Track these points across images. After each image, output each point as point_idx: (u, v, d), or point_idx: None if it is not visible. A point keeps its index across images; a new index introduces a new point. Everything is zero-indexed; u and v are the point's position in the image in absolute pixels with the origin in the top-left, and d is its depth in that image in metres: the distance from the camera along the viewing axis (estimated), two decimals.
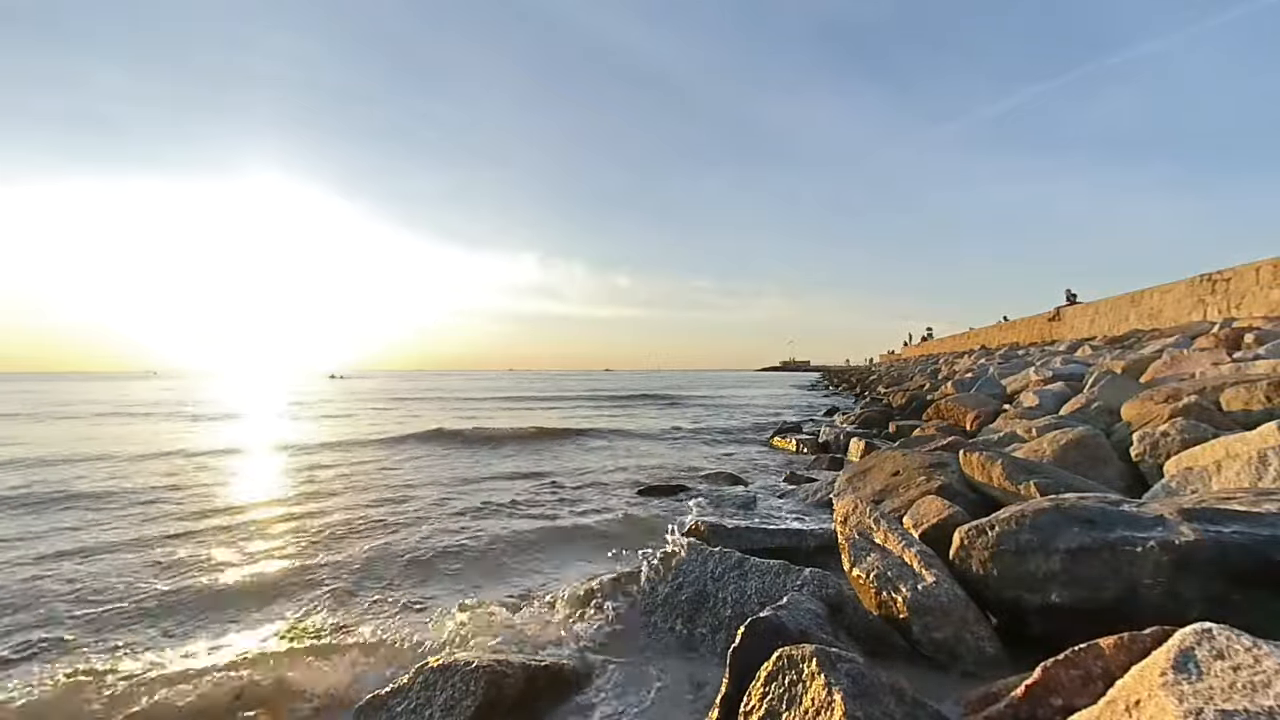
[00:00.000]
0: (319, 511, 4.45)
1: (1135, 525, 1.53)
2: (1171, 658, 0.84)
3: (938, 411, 6.40)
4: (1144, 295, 13.74)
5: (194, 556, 3.35)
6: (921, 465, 3.27)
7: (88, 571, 3.10)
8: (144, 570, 3.12)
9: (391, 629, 2.30)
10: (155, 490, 5.34)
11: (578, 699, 1.79)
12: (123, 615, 2.55)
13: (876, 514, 2.16)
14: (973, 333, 29.97)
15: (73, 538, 3.79)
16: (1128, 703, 0.85)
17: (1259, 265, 9.96)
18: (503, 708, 1.63)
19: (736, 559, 2.21)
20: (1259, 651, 0.79)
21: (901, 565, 1.84)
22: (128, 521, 4.22)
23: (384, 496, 5.10)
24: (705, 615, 2.07)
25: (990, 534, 1.70)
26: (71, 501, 4.90)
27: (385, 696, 1.68)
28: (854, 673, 1.14)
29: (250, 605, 2.66)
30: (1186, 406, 3.03)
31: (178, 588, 2.84)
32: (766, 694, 1.22)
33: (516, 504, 4.72)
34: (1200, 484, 2.11)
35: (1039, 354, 11.99)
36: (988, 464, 2.63)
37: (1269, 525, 1.41)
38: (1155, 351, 6.33)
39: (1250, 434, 2.23)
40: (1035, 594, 1.58)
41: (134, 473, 6.37)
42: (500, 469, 6.65)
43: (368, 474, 6.39)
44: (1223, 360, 4.85)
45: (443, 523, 4.10)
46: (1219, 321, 8.44)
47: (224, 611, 2.60)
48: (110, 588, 2.85)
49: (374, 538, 3.71)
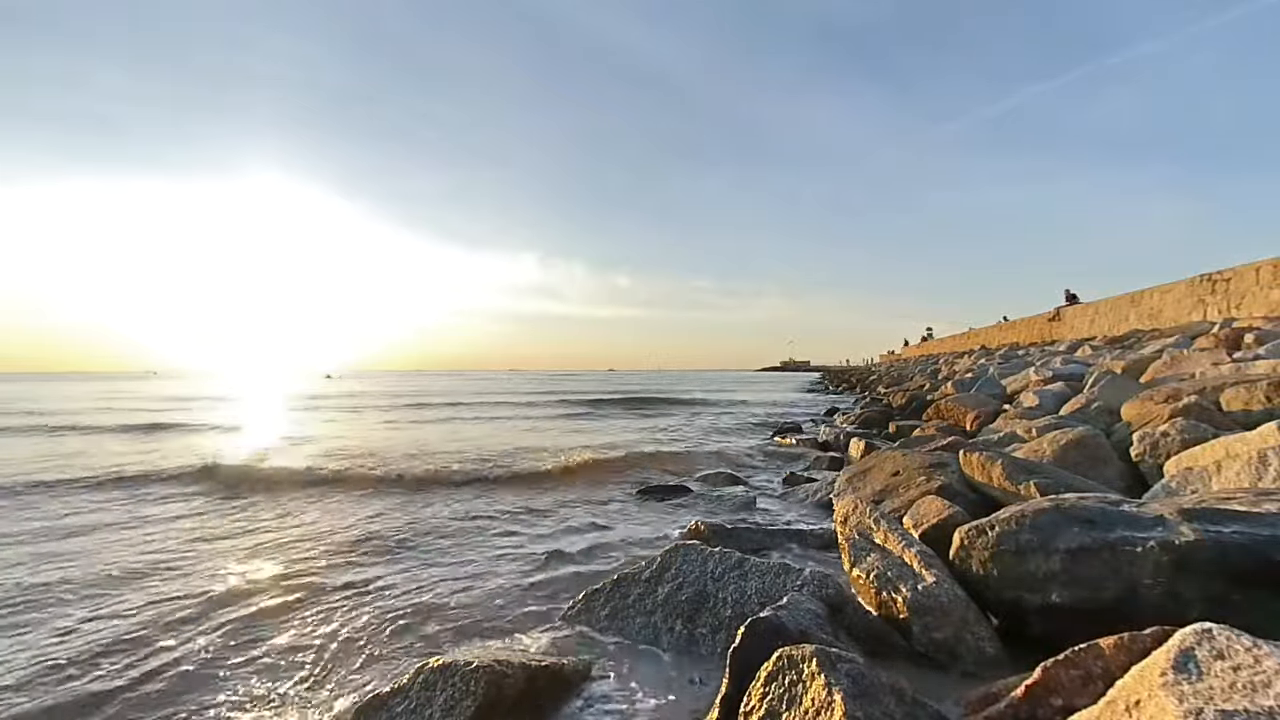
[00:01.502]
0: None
1: (1135, 525, 1.53)
2: (1171, 658, 0.84)
3: (938, 411, 6.40)
4: (1144, 295, 13.75)
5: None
6: (921, 465, 3.27)
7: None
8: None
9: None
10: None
11: (578, 699, 1.79)
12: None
13: (876, 514, 2.16)
14: (972, 333, 29.97)
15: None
16: (1128, 703, 0.85)
17: (1259, 265, 9.97)
18: (503, 708, 1.63)
19: (736, 559, 2.21)
20: (1259, 651, 0.79)
21: (901, 565, 1.84)
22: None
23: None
24: (705, 615, 2.07)
25: (990, 534, 1.71)
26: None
27: (385, 696, 1.68)
28: (854, 673, 1.14)
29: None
30: (1186, 406, 3.03)
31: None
32: (766, 694, 1.22)
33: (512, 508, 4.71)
34: (1200, 484, 2.12)
35: (1039, 354, 12.00)
36: (988, 464, 2.63)
37: (1269, 525, 1.41)
38: (1155, 351, 6.34)
39: (1250, 434, 2.23)
40: (1035, 594, 1.58)
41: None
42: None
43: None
44: (1223, 360, 4.85)
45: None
46: (1219, 321, 8.44)
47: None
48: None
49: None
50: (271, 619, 2.47)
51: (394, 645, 2.22)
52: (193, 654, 2.17)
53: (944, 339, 39.01)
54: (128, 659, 2.14)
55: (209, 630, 2.36)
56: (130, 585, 2.92)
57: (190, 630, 2.37)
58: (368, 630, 2.33)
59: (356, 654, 2.15)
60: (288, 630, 2.35)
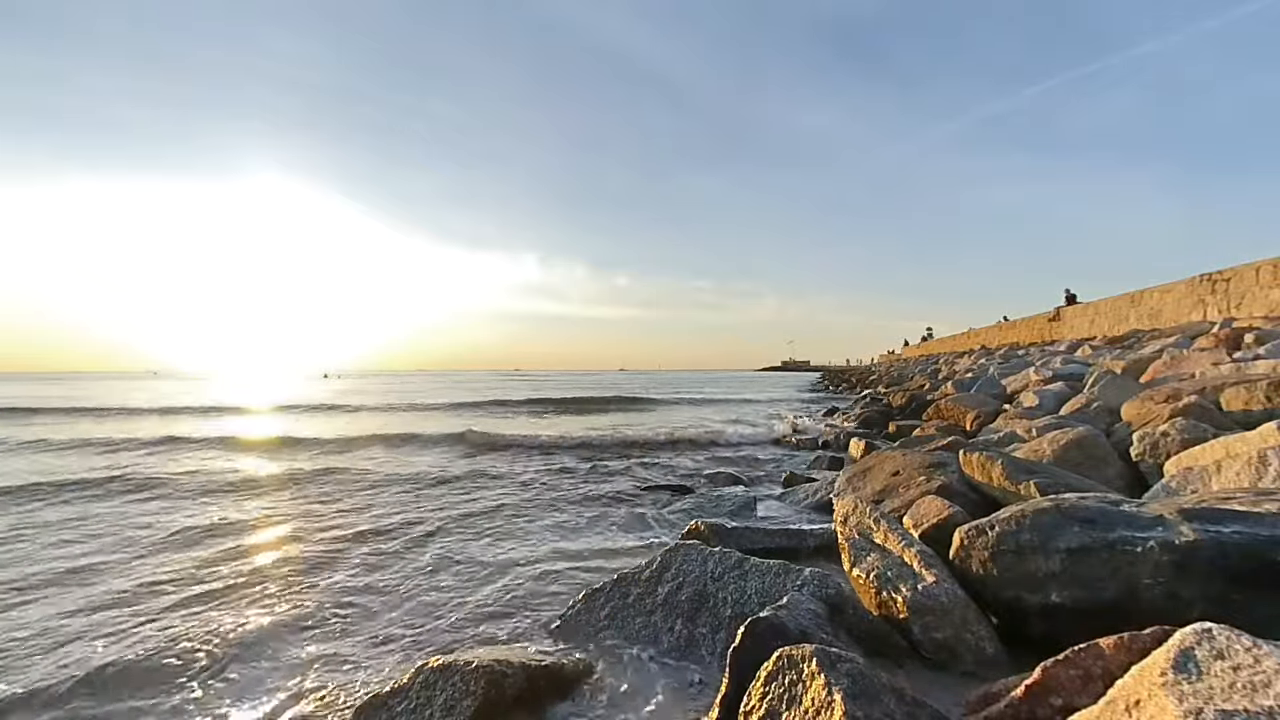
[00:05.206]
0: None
1: (1135, 525, 1.53)
2: (1171, 658, 0.84)
3: (938, 411, 6.40)
4: (1144, 295, 13.74)
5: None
6: (921, 465, 3.27)
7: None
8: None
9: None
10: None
11: (578, 699, 1.79)
12: None
13: (876, 514, 2.16)
14: (972, 333, 29.96)
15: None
16: (1128, 703, 0.85)
17: (1259, 265, 9.96)
18: (503, 708, 1.63)
19: (736, 559, 2.21)
20: (1259, 651, 0.79)
21: (901, 565, 1.84)
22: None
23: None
24: (705, 615, 2.07)
25: (990, 534, 1.70)
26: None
27: (385, 696, 1.68)
28: (854, 673, 1.14)
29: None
30: (1186, 406, 3.03)
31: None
32: (766, 694, 1.22)
33: (511, 506, 4.71)
34: (1200, 484, 2.11)
35: (1039, 354, 12.00)
36: (988, 464, 2.63)
37: (1269, 525, 1.41)
38: (1155, 351, 6.33)
39: (1250, 434, 2.23)
40: (1035, 594, 1.58)
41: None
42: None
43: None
44: (1223, 360, 4.85)
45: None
46: (1219, 321, 8.44)
47: None
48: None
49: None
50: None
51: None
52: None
53: (944, 339, 39.01)
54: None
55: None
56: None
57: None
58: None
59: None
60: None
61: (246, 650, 2.24)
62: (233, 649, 2.25)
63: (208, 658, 2.19)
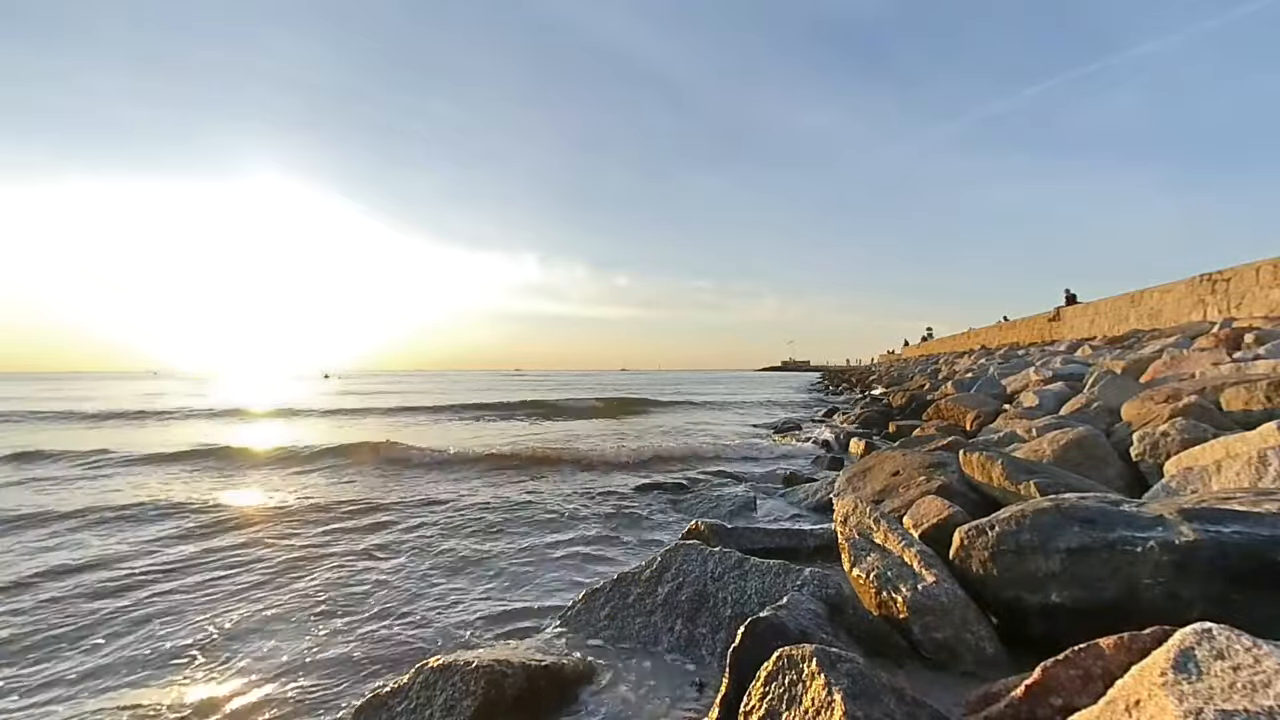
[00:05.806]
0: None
1: (1135, 525, 1.53)
2: (1171, 658, 0.84)
3: (938, 411, 6.40)
4: (1144, 295, 13.74)
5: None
6: (921, 465, 3.27)
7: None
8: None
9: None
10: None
11: (578, 699, 1.79)
12: None
13: (876, 514, 2.16)
14: (972, 333, 29.95)
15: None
16: (1128, 703, 0.85)
17: (1259, 265, 9.96)
18: (503, 708, 1.63)
19: (736, 559, 2.21)
20: (1259, 651, 0.79)
21: (901, 565, 1.84)
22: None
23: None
24: (705, 615, 2.07)
25: (990, 534, 1.70)
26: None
27: (385, 696, 1.68)
28: (854, 673, 1.14)
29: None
30: (1186, 406, 3.03)
31: None
32: (766, 694, 1.22)
33: (511, 505, 4.71)
34: (1200, 484, 2.11)
35: (1039, 354, 11.99)
36: (988, 464, 2.63)
37: (1269, 525, 1.41)
38: (1155, 351, 6.33)
39: (1250, 434, 2.23)
40: (1035, 594, 1.58)
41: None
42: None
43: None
44: (1223, 360, 4.84)
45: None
46: (1219, 321, 8.44)
47: None
48: None
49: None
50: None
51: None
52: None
53: (944, 339, 39.00)
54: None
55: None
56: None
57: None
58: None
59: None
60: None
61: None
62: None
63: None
